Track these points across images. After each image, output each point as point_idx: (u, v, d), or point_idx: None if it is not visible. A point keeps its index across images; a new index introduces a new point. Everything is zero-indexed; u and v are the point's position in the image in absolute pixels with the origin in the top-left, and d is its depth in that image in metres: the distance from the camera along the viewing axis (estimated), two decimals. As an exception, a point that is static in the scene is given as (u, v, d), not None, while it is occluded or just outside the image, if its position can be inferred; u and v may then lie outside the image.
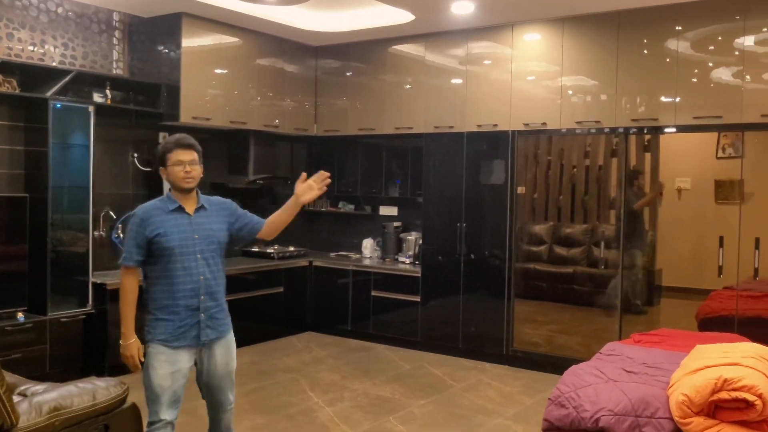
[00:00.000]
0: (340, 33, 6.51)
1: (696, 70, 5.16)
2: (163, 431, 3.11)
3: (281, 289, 6.70)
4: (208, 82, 6.08)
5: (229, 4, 5.66)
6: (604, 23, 5.49)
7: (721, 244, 5.10)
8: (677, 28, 5.20)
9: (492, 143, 6.03)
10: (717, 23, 5.09)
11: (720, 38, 5.09)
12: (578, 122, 5.63)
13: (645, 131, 5.41)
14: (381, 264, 6.78)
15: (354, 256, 7.11)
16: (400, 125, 6.58)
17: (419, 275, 6.41)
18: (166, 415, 3.10)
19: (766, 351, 3.20)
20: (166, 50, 5.90)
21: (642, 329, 5.15)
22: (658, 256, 5.62)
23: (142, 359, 3.12)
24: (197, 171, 3.17)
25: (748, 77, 4.94)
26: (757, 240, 4.97)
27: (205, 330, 3.15)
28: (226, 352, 3.25)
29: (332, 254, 7.23)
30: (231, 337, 3.29)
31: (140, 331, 3.14)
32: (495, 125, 6.00)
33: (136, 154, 5.98)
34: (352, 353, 6.33)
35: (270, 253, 6.79)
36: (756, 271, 5.01)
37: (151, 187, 6.02)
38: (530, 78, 5.87)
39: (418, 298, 6.41)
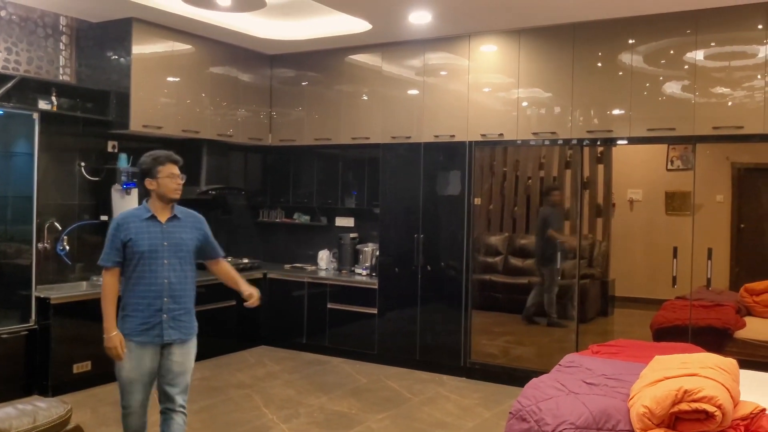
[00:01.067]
0: (296, 41, 6.43)
1: (648, 84, 5.23)
2: (134, 415, 3.50)
3: (234, 303, 6.51)
4: (160, 90, 5.91)
5: (182, 10, 5.53)
6: (559, 36, 5.54)
7: (675, 255, 5.17)
8: (630, 41, 5.27)
9: (449, 154, 6.02)
10: (669, 37, 5.17)
11: (672, 52, 5.17)
12: (534, 133, 5.65)
13: (598, 143, 5.46)
14: (337, 276, 6.69)
15: (309, 268, 7.00)
16: (356, 135, 6.51)
17: (376, 287, 6.34)
18: (135, 401, 3.48)
19: (723, 361, 3.21)
20: (116, 56, 5.72)
21: (597, 340, 5.18)
22: (611, 267, 5.67)
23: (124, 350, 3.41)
24: (181, 184, 3.54)
25: (698, 91, 5.03)
26: (710, 250, 5.05)
27: (168, 330, 3.47)
28: (186, 353, 3.58)
29: (287, 266, 7.10)
30: (193, 342, 3.65)
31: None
32: (452, 136, 5.98)
33: (83, 163, 5.77)
34: (307, 367, 6.20)
35: (223, 265, 6.62)
36: (708, 281, 5.09)
37: (98, 197, 5.83)
38: (487, 89, 5.88)
39: (374, 311, 6.33)
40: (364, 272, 6.62)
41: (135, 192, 5.69)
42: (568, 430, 2.95)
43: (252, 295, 3.87)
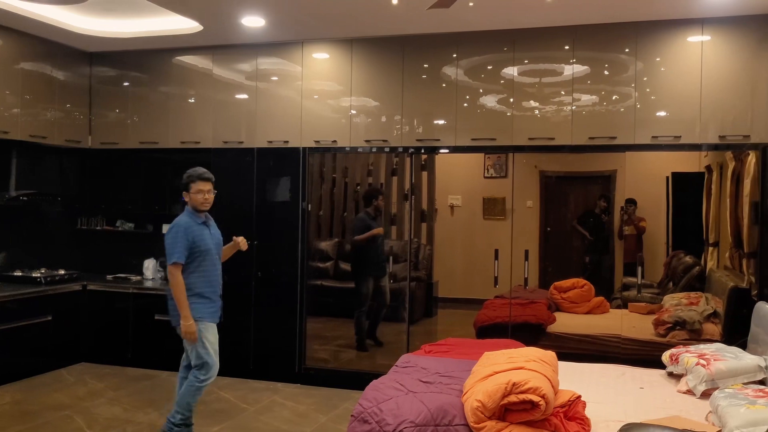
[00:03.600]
0: (119, 39, 6.07)
1: (469, 96, 5.56)
2: (212, 381, 4.42)
3: (49, 318, 6.03)
4: (-40, 85, 5.34)
5: (-12, -1, 5.04)
6: (390, 47, 5.72)
7: (496, 257, 5.53)
8: (454, 55, 5.57)
9: (283, 160, 5.99)
10: (488, 53, 5.53)
11: (490, 67, 5.54)
12: (366, 141, 5.79)
13: (422, 151, 5.71)
14: (165, 285, 6.38)
15: (134, 278, 6.63)
16: (186, 139, 6.29)
17: (207, 296, 6.14)
18: (216, 370, 4.40)
19: (545, 354, 3.50)
20: None
21: (426, 339, 5.41)
22: (435, 269, 5.94)
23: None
24: (212, 197, 4.42)
25: (515, 104, 5.43)
26: (527, 252, 5.46)
27: (220, 311, 4.47)
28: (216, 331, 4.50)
29: (109, 277, 6.68)
30: None
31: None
32: (286, 141, 5.97)
33: None
34: (134, 383, 5.88)
35: (36, 277, 6.08)
36: (526, 280, 5.50)
37: None
38: (320, 96, 5.94)
39: (206, 320, 6.13)
40: (194, 281, 6.39)
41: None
42: (409, 429, 3.06)
43: (236, 244, 4.68)
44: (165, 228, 6.82)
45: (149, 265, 6.66)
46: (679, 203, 5.39)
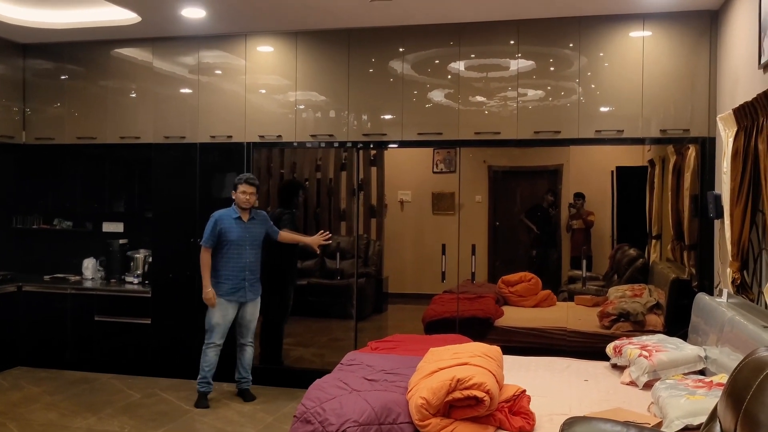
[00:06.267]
0: (54, 30, 5.84)
1: (416, 91, 5.52)
2: (215, 350, 5.24)
3: (-18, 321, 5.79)
4: None
5: None
6: (335, 40, 5.64)
7: (443, 252, 5.51)
8: (401, 49, 5.53)
9: (227, 155, 5.85)
10: (434, 47, 5.50)
11: (437, 62, 5.51)
12: (312, 135, 5.70)
13: (371, 146, 5.65)
14: (105, 286, 6.20)
15: (73, 278, 6.40)
16: (125, 134, 6.09)
17: (149, 295, 5.98)
18: (217, 340, 5.22)
19: (490, 349, 3.48)
20: None
21: (374, 336, 5.37)
22: (385, 265, 5.90)
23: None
24: (254, 199, 5.22)
25: (461, 99, 5.41)
26: (474, 246, 5.46)
27: (247, 293, 5.24)
28: (255, 307, 5.36)
29: (47, 277, 6.43)
30: (259, 300, 5.37)
31: None
32: (230, 137, 5.83)
33: None
34: (72, 387, 5.67)
35: (-33, 279, 5.83)
36: (473, 275, 5.50)
37: None
38: (265, 90, 5.82)
39: (148, 321, 5.97)
40: (136, 281, 6.21)
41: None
42: (352, 428, 3.00)
43: (314, 242, 5.42)
44: (106, 226, 6.75)
45: (89, 265, 6.43)
46: (624, 197, 5.45)
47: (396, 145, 5.59)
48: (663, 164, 5.38)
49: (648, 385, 3.67)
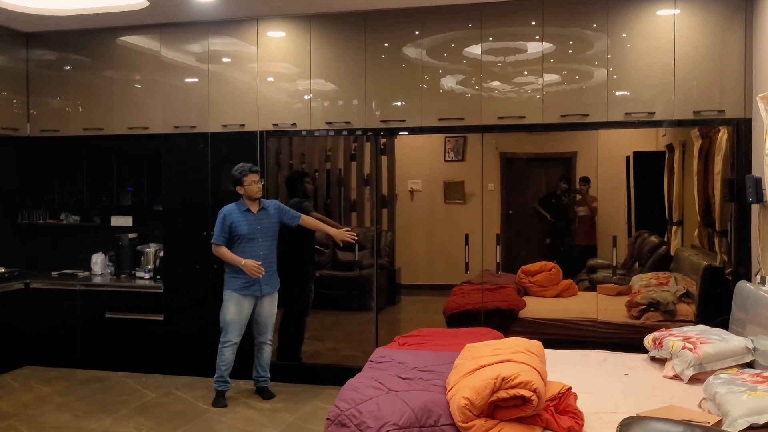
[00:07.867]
0: (58, 18, 5.58)
1: (431, 76, 5.31)
2: (231, 348, 5.04)
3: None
4: None
5: None
6: (351, 24, 5.42)
7: (466, 242, 5.33)
8: (416, 32, 5.31)
9: (240, 145, 5.64)
10: (453, 30, 5.28)
11: (453, 45, 5.29)
12: (328, 123, 5.50)
13: (387, 133, 5.45)
14: (115, 281, 6.03)
15: (82, 274, 6.23)
16: (133, 125, 5.89)
17: (161, 291, 5.80)
18: (233, 338, 5.03)
19: (531, 344, 3.30)
20: None
21: (390, 328, 5.22)
22: (397, 256, 5.72)
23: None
24: (261, 185, 5.08)
25: (482, 83, 5.20)
26: (497, 236, 5.27)
27: (263, 287, 5.04)
28: (272, 302, 5.17)
29: (55, 273, 6.25)
30: (277, 294, 5.19)
31: None
32: (242, 125, 5.63)
33: None
34: (84, 386, 5.50)
35: (-28, 276, 5.65)
36: (498, 265, 5.32)
37: None
38: (277, 77, 5.61)
39: (161, 317, 5.79)
40: (147, 275, 6.03)
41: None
42: (392, 431, 2.82)
43: (341, 235, 5.17)
44: (114, 220, 6.56)
45: (98, 260, 6.26)
46: (641, 183, 5.28)
47: (414, 132, 5.40)
48: (683, 149, 5.20)
49: (693, 379, 3.49)
